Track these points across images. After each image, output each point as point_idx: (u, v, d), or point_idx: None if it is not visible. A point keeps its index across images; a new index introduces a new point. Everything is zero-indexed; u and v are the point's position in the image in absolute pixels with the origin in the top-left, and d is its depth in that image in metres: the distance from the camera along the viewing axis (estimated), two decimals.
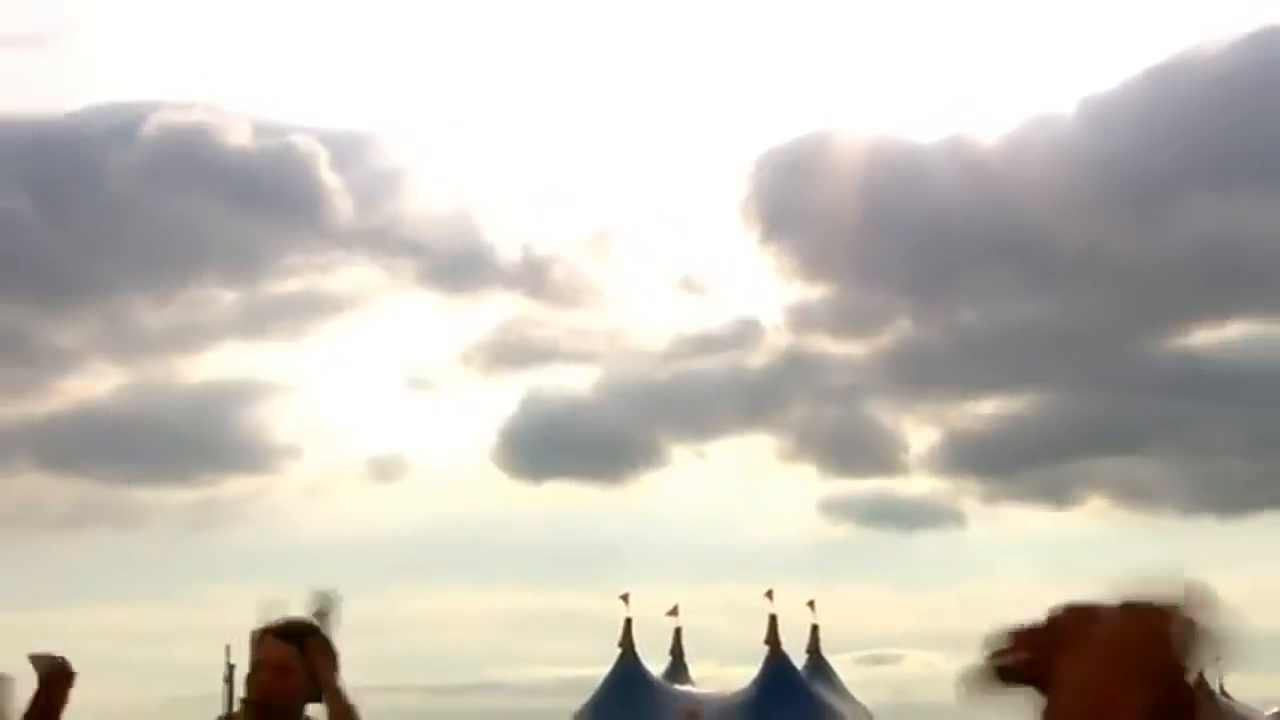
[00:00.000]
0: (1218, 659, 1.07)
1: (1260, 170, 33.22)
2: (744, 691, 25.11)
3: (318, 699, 3.05)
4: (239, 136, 47.15)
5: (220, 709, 16.64)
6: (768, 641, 25.01)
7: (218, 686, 30.23)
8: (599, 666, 25.50)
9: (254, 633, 3.19)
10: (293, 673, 3.08)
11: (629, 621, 24.92)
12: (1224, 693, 41.09)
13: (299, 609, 3.22)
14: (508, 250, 54.08)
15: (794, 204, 41.88)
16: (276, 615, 3.25)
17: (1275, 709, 38.78)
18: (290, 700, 3.04)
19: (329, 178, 44.47)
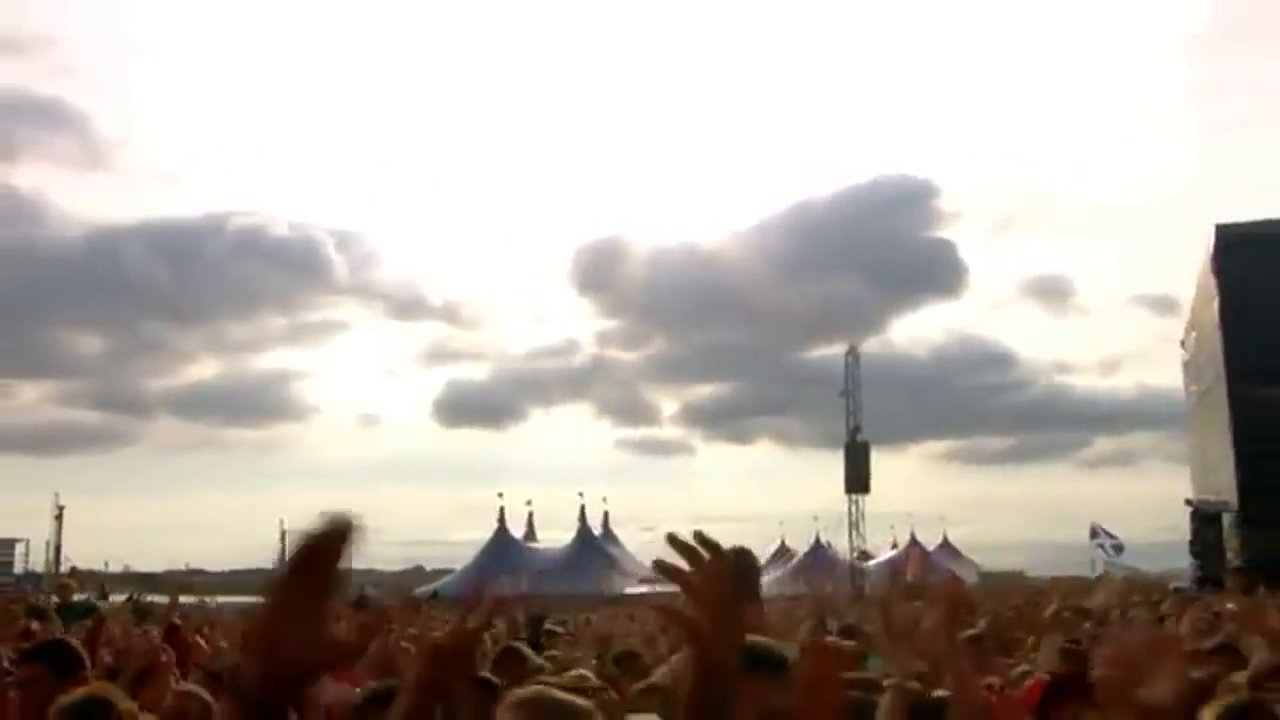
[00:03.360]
0: None
1: (851, 262, 65.08)
2: (566, 547, 43.94)
3: None
4: (281, 231, 70.93)
5: (276, 555, 52.61)
6: (579, 519, 44.67)
7: (275, 540, 47.70)
8: (486, 532, 46.10)
9: None
10: None
11: (502, 509, 45.70)
12: (826, 544, 44.26)
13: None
14: (436, 298, 73.60)
15: (598, 273, 64.70)
16: None
17: (857, 552, 37.97)
18: None
19: (334, 256, 60.63)
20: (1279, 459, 28.25)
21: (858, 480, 33.30)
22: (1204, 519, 30.85)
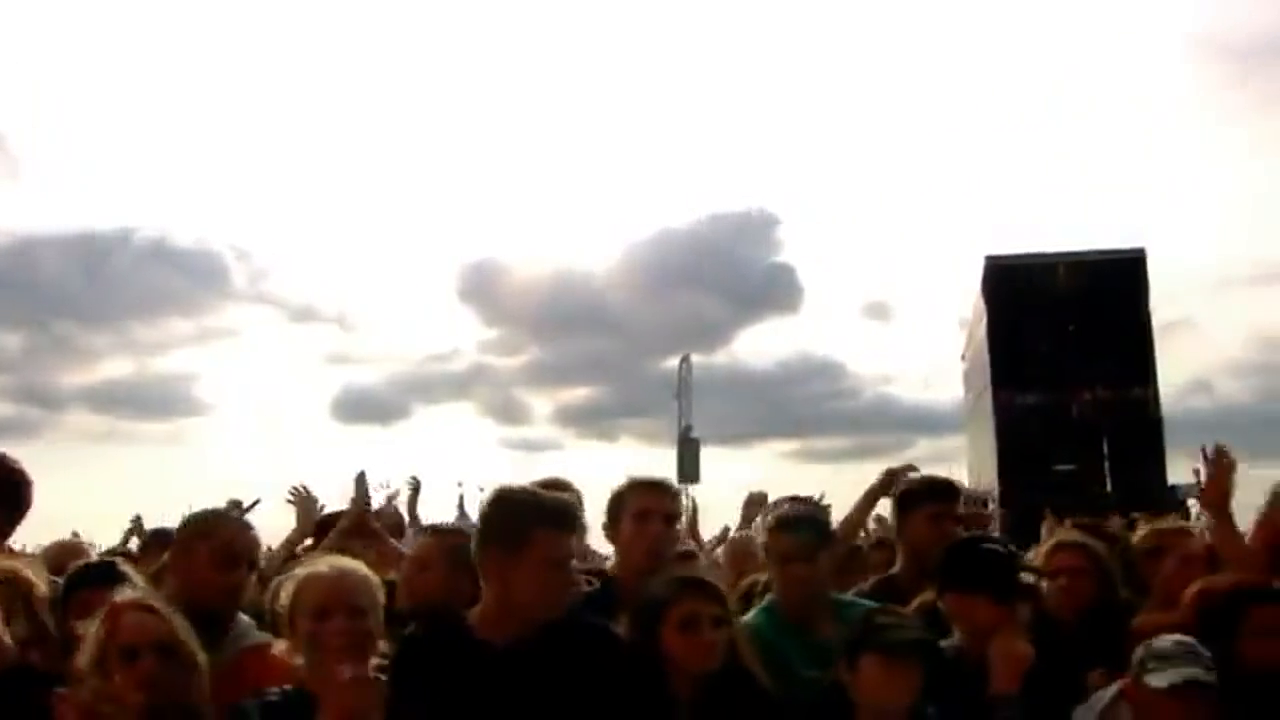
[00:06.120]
0: None
1: (705, 282, 62.50)
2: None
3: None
4: (185, 243, 72.01)
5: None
6: (458, 507, 49.07)
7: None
8: None
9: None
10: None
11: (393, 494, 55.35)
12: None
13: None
14: (328, 307, 79.66)
15: (481, 288, 68.37)
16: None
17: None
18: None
19: (235, 265, 71.73)
20: (1030, 453, 34.04)
21: (687, 472, 38.98)
22: (973, 504, 36.66)
